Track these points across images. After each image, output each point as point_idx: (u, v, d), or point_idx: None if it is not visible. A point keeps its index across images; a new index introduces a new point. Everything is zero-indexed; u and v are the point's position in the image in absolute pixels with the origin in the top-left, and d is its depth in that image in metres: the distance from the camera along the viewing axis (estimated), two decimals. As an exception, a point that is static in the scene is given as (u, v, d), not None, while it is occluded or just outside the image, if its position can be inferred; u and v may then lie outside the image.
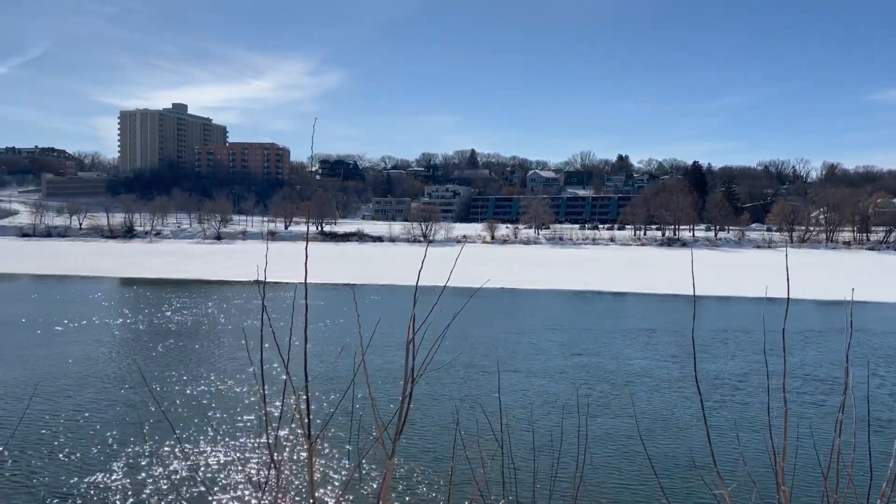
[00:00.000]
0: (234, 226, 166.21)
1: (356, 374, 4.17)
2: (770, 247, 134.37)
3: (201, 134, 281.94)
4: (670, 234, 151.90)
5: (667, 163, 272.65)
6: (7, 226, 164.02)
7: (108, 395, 24.87)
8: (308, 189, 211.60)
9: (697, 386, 3.65)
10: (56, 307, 47.91)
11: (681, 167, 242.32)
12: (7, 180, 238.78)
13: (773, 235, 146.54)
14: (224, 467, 17.28)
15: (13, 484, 16.10)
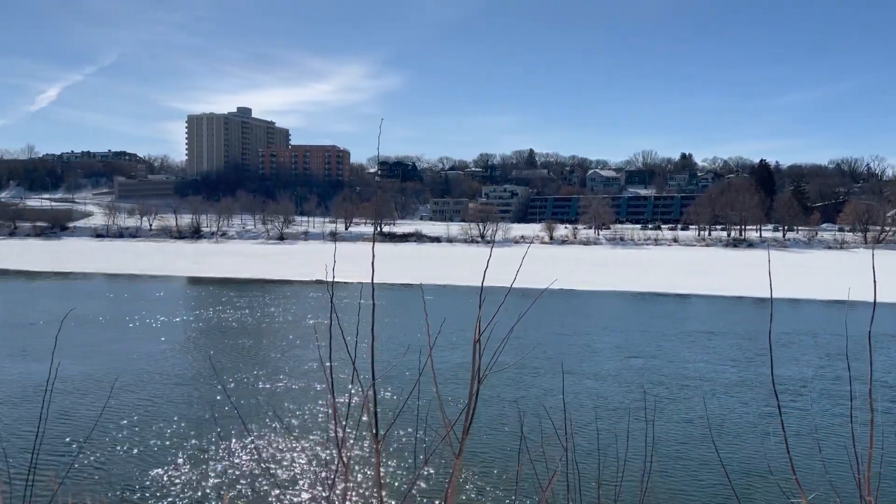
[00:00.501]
0: (296, 227, 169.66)
1: (422, 372, 4.19)
2: (842, 248, 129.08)
3: (265, 137, 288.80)
4: (736, 235, 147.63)
5: (732, 161, 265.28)
6: (83, 227, 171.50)
7: (181, 389, 25.72)
8: (367, 190, 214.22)
9: (774, 389, 3.53)
10: (129, 305, 49.82)
11: (747, 165, 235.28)
12: (83, 183, 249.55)
13: (845, 236, 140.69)
14: (293, 464, 17.65)
15: (94, 474, 16.80)
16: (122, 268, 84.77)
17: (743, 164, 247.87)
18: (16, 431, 19.57)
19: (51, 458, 17.12)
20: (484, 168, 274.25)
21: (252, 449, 18.66)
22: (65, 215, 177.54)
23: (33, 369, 27.74)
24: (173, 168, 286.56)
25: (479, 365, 3.71)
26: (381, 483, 3.97)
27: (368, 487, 15.08)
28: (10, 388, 24.91)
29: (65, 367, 27.22)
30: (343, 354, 4.39)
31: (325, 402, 22.76)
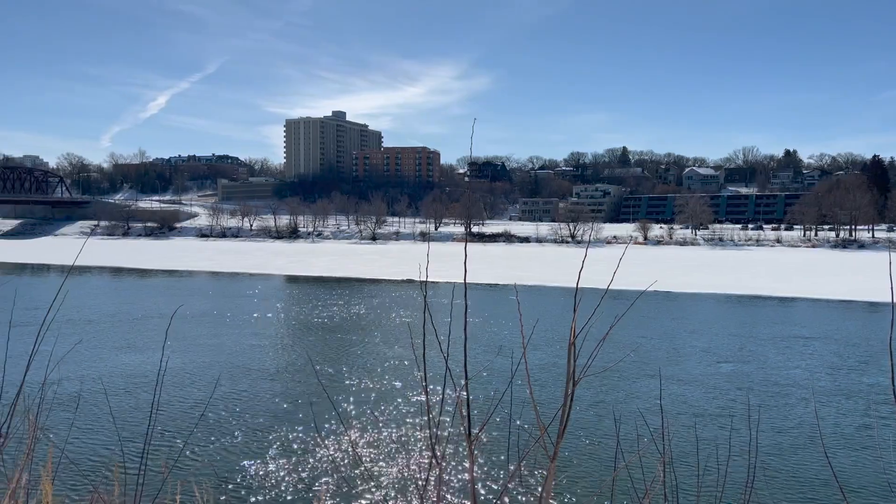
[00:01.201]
0: (387, 227, 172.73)
1: (515, 373, 4.14)
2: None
3: (358, 139, 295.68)
4: (845, 235, 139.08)
5: (841, 157, 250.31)
6: (189, 227, 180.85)
7: (279, 381, 26.70)
8: (457, 191, 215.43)
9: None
10: (231, 302, 52.12)
11: (858, 162, 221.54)
12: (189, 186, 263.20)
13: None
14: (387, 459, 17.95)
15: (200, 461, 17.64)
16: (225, 266, 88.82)
17: (853, 161, 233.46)
18: (130, 419, 20.82)
19: (162, 445, 18.11)
20: (575, 167, 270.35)
21: (347, 443, 19.10)
22: (172, 216, 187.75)
23: (145, 361, 29.44)
24: (272, 170, 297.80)
25: (574, 367, 3.64)
26: (474, 482, 3.95)
27: (462, 486, 15.14)
28: (125, 378, 26.53)
29: (173, 360, 28.79)
30: (436, 353, 4.41)
31: (418, 399, 23.03)
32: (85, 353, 29.96)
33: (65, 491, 10.04)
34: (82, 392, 20.42)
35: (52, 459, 5.27)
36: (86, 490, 12.93)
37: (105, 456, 16.60)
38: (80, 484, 13.96)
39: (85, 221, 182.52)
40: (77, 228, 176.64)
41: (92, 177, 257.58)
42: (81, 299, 49.77)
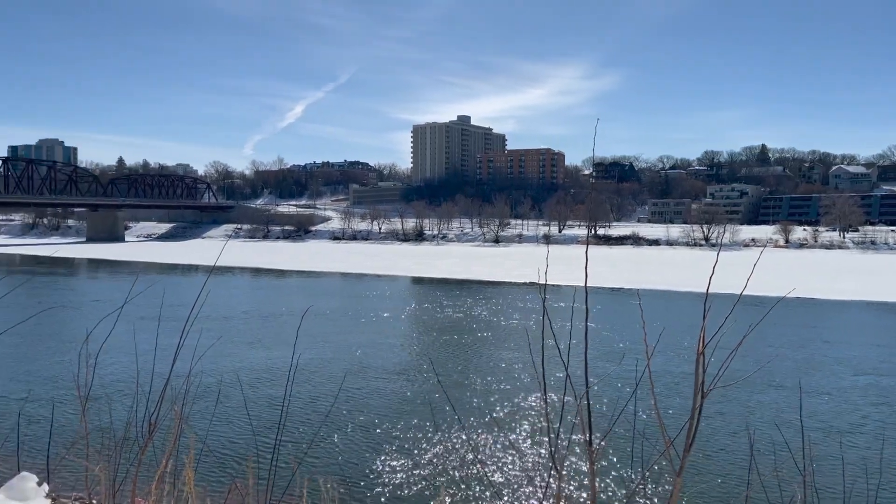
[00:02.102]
0: (511, 229, 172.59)
1: (639, 382, 3.97)
2: None
3: (483, 143, 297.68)
4: None
5: None
6: (322, 230, 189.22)
7: (402, 380, 27.34)
8: (582, 192, 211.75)
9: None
10: (359, 302, 53.97)
11: None
12: (323, 191, 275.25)
13: None
14: (506, 464, 17.91)
15: (327, 456, 18.37)
16: (355, 267, 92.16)
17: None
18: (263, 412, 22.01)
19: (291, 439, 19.01)
20: (709, 166, 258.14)
21: (465, 444, 19.22)
22: (307, 220, 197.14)
23: (277, 357, 31.04)
24: (400, 175, 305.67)
25: (702, 378, 3.44)
26: (595, 493, 3.83)
27: (581, 496, 14.82)
28: (259, 373, 28.12)
29: (304, 356, 30.14)
30: (555, 358, 4.32)
31: (538, 404, 22.81)
32: (224, 348, 31.99)
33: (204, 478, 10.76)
34: (221, 385, 21.81)
35: (194, 448, 5.63)
36: (223, 479, 13.78)
37: (240, 447, 17.65)
38: (217, 473, 14.92)
39: (229, 225, 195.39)
40: (222, 231, 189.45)
41: (235, 183, 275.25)
42: (222, 298, 53.28)
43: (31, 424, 14.85)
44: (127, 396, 5.77)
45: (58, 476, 5.58)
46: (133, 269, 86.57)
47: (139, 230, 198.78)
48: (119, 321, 6.07)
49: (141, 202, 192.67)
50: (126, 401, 5.16)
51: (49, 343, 31.92)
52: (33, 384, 24.53)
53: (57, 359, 28.76)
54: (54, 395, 21.21)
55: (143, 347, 5.85)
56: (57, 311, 42.21)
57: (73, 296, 57.78)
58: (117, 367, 20.26)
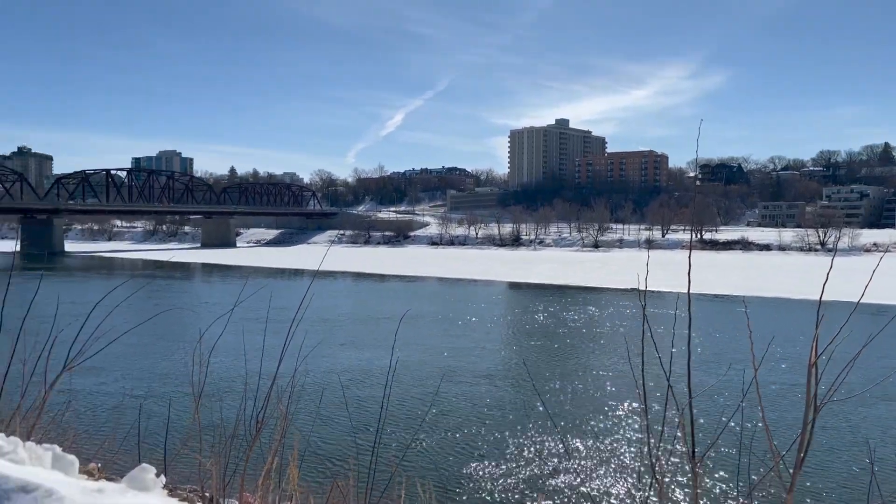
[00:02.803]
0: (611, 234, 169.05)
1: (746, 394, 3.80)
2: None
3: (581, 146, 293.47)
4: None
5: None
6: (421, 235, 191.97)
7: (497, 384, 27.33)
8: (686, 195, 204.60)
9: None
10: (455, 306, 54.35)
11: None
12: (421, 197, 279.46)
13: None
14: (602, 475, 17.54)
15: (424, 459, 18.60)
16: (452, 272, 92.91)
17: None
18: (363, 412, 22.54)
19: (390, 441, 19.36)
20: (825, 167, 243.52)
21: (561, 451, 18.97)
22: (406, 225, 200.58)
23: (376, 358, 31.69)
24: (497, 180, 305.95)
25: (815, 391, 3.25)
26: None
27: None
28: (359, 374, 28.83)
29: (402, 359, 30.65)
30: (656, 366, 4.20)
31: (636, 413, 22.20)
32: (326, 349, 32.98)
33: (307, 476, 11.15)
34: (323, 385, 22.51)
35: (298, 446, 5.85)
36: (325, 477, 14.21)
37: (341, 447, 18.13)
38: (320, 471, 15.40)
39: (332, 231, 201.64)
40: (326, 237, 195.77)
41: (339, 190, 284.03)
42: (325, 301, 54.98)
43: (149, 419, 15.85)
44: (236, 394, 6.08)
45: (173, 469, 5.92)
46: (243, 274, 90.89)
47: (249, 236, 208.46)
48: (229, 323, 6.39)
49: (251, 210, 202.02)
50: (235, 399, 5.45)
51: (166, 343, 33.97)
52: (152, 381, 26.19)
53: (173, 358, 30.56)
54: (171, 392, 22.56)
55: (251, 348, 6.13)
56: (174, 312, 44.90)
57: (188, 298, 61.28)
58: (227, 367, 21.31)
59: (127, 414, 17.96)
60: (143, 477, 2.72)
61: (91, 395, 23.08)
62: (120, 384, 25.48)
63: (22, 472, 2.48)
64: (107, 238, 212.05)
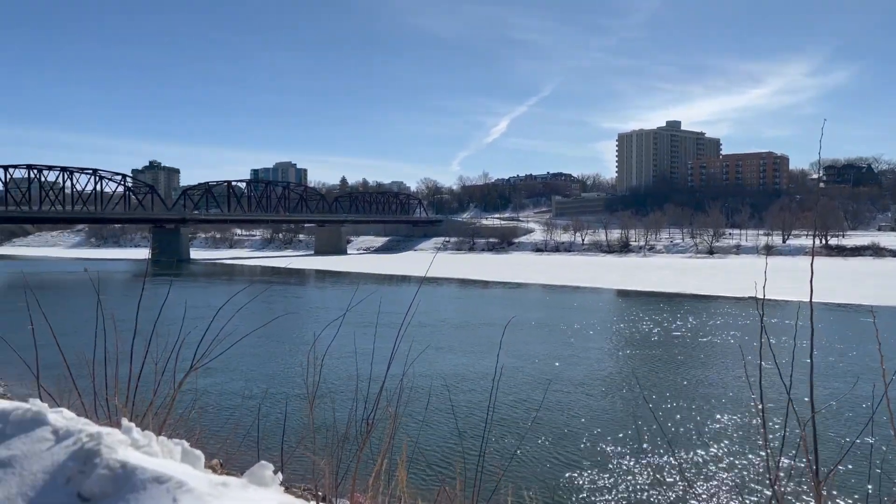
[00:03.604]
0: (726, 240, 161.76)
1: (876, 409, 3.56)
2: None
3: (694, 148, 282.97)
4: None
5: None
6: (525, 242, 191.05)
7: (603, 392, 26.76)
8: (809, 198, 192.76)
9: None
10: (560, 313, 53.67)
11: None
12: (525, 203, 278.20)
13: None
14: (720, 493, 16.78)
15: (531, 466, 18.47)
16: (557, 279, 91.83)
17: None
18: (469, 417, 22.65)
19: (496, 447, 19.35)
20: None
21: (674, 465, 18.29)
22: (510, 232, 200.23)
23: (481, 364, 31.78)
24: (604, 185, 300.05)
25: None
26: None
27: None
28: (464, 379, 29.01)
29: (506, 365, 30.56)
30: (775, 379, 3.99)
31: (753, 427, 21.08)
32: (432, 354, 33.38)
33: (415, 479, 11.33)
34: (429, 389, 22.79)
35: (406, 449, 5.97)
36: (432, 480, 14.39)
37: (447, 450, 18.30)
38: (427, 474, 15.60)
39: (438, 238, 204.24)
40: (432, 244, 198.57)
41: (444, 198, 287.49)
42: (431, 307, 55.69)
43: (266, 419, 16.60)
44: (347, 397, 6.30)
45: (289, 467, 6.19)
46: (353, 280, 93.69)
47: (359, 243, 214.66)
48: (341, 327, 6.62)
49: (360, 218, 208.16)
50: (346, 401, 5.65)
51: (282, 346, 35.51)
52: (269, 383, 27.43)
53: (288, 360, 31.91)
54: (287, 392, 23.56)
55: (361, 352, 6.33)
56: (289, 317, 46.87)
57: (303, 303, 63.83)
58: (339, 369, 21.98)
59: (246, 413, 18.92)
60: (262, 473, 2.87)
61: (214, 394, 24.48)
62: (240, 385, 26.88)
63: (155, 464, 2.67)
64: (228, 246, 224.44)
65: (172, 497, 2.38)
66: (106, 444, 2.73)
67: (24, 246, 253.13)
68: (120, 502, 2.47)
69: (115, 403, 5.85)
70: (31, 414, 3.05)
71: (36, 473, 2.73)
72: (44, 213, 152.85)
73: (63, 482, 2.66)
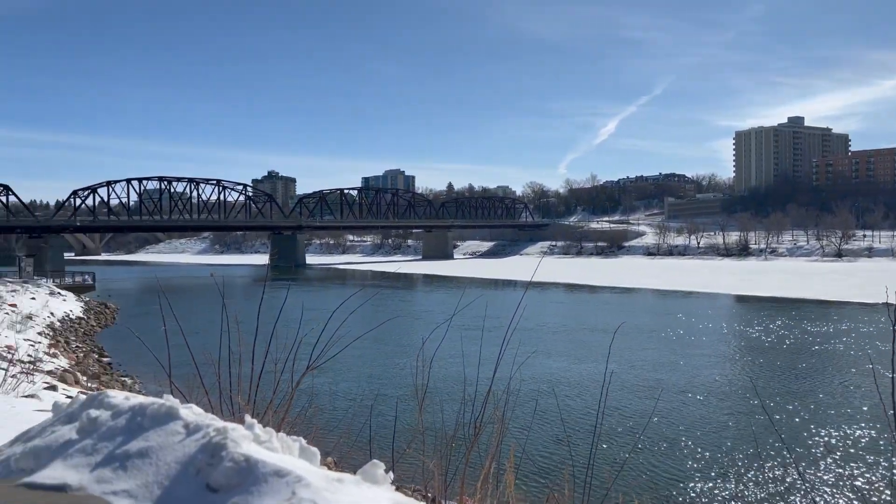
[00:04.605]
0: (857, 241, 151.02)
1: None
2: None
3: (819, 145, 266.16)
4: None
5: None
6: (636, 245, 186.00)
7: (719, 403, 25.63)
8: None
9: None
10: (673, 320, 51.81)
11: None
12: (636, 206, 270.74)
13: None
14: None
15: (642, 475, 17.96)
16: (670, 284, 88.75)
17: None
18: (577, 424, 22.27)
19: (605, 454, 18.94)
20: None
21: (796, 482, 17.22)
22: (620, 235, 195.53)
23: (589, 370, 31.21)
24: (720, 186, 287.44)
25: None
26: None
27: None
28: (572, 385, 28.65)
29: (616, 372, 29.84)
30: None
31: (885, 443, 19.52)
32: (539, 359, 33.12)
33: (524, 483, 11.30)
34: (536, 393, 22.64)
35: (514, 452, 5.98)
36: (540, 486, 14.27)
37: (555, 456, 18.08)
38: (534, 479, 15.47)
39: (544, 242, 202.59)
40: (538, 248, 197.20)
41: (550, 201, 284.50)
42: (537, 311, 55.28)
43: (377, 419, 17.05)
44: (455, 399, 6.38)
45: (399, 467, 6.34)
46: (459, 284, 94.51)
47: (465, 248, 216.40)
48: (448, 330, 6.71)
49: (467, 223, 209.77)
50: (454, 404, 5.71)
51: (392, 348, 36.34)
52: (380, 384, 28.14)
53: (398, 362, 32.59)
54: (396, 394, 24.06)
55: (468, 355, 6.39)
56: (398, 320, 47.88)
57: (411, 307, 65.02)
58: (446, 372, 22.26)
59: (358, 413, 19.49)
60: (374, 472, 2.96)
61: (327, 394, 25.36)
62: (352, 385, 27.73)
63: (275, 458, 2.82)
64: (341, 251, 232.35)
65: (291, 490, 2.51)
66: (231, 439, 2.91)
67: (156, 252, 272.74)
68: (244, 494, 2.62)
69: (238, 401, 6.20)
70: (164, 409, 3.30)
71: (169, 464, 2.95)
72: (173, 222, 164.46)
73: (193, 473, 2.85)
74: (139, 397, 3.62)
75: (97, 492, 2.89)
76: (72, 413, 3.72)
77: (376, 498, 2.52)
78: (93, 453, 3.18)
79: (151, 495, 2.81)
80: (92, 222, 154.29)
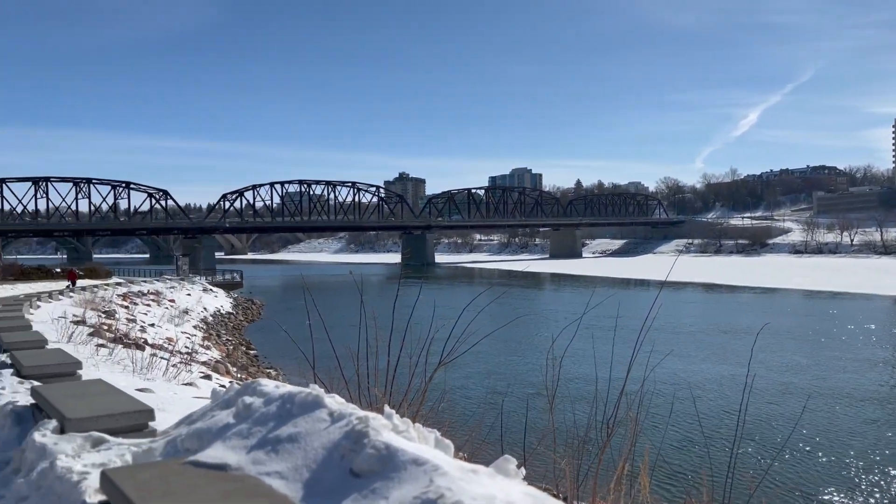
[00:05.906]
0: None
1: None
2: None
3: None
4: None
5: None
6: (780, 243, 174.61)
7: (874, 411, 23.79)
8: None
9: None
10: (822, 322, 48.24)
11: None
12: (781, 201, 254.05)
13: None
14: None
15: (786, 482, 16.92)
16: (819, 284, 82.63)
17: None
18: (716, 428, 21.25)
19: (747, 459, 17.95)
20: None
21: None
22: (763, 232, 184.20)
23: (730, 373, 29.65)
24: (878, 178, 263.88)
25: None
26: None
27: None
28: (711, 388, 27.43)
29: (759, 375, 28.21)
30: None
31: None
32: (674, 360, 31.91)
33: (659, 486, 10.97)
34: (672, 395, 21.81)
35: (648, 455, 5.85)
36: (675, 489, 13.79)
37: (692, 460, 17.35)
38: (670, 483, 14.96)
39: (679, 240, 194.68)
40: (672, 246, 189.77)
41: (685, 197, 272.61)
42: (672, 312, 53.20)
43: (508, 416, 17.12)
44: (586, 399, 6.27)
45: (529, 465, 6.38)
46: (588, 283, 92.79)
47: (594, 247, 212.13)
48: (578, 330, 6.66)
49: (596, 220, 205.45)
50: (585, 404, 5.65)
51: (521, 346, 36.33)
52: (510, 381, 28.19)
53: (528, 360, 32.52)
54: (527, 392, 24.03)
55: (600, 355, 6.33)
56: (527, 318, 47.75)
57: (539, 305, 64.63)
58: (578, 372, 22.01)
59: (488, 409, 19.70)
60: (507, 466, 3.01)
61: (458, 389, 25.77)
62: (482, 381, 28.00)
63: (413, 447, 2.94)
64: (468, 250, 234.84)
65: (429, 478, 2.61)
66: (373, 427, 3.06)
67: (296, 251, 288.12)
68: (385, 479, 2.76)
69: (376, 392, 6.47)
70: (311, 397, 3.52)
71: (316, 449, 3.15)
72: (312, 223, 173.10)
73: (338, 458, 3.03)
74: (288, 386, 3.88)
75: (253, 472, 3.14)
76: (228, 399, 4.06)
77: (510, 490, 2.57)
78: (248, 436, 3.46)
79: (301, 478, 3.02)
80: (239, 223, 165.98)
